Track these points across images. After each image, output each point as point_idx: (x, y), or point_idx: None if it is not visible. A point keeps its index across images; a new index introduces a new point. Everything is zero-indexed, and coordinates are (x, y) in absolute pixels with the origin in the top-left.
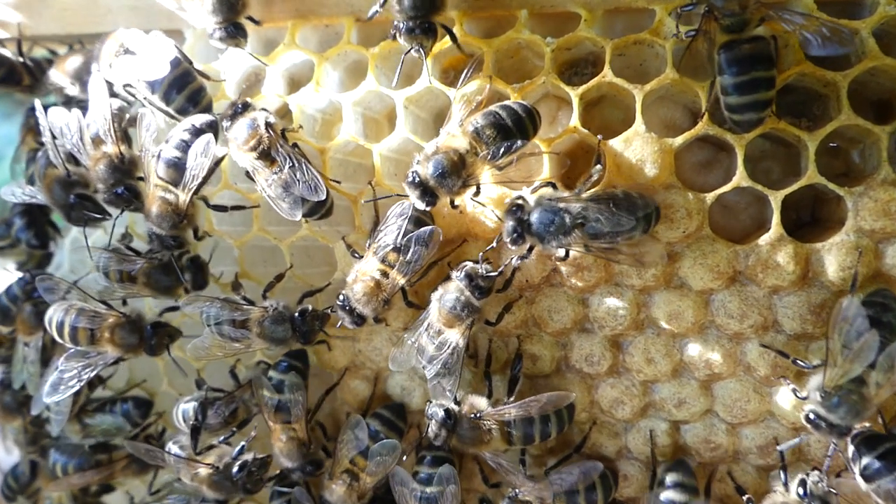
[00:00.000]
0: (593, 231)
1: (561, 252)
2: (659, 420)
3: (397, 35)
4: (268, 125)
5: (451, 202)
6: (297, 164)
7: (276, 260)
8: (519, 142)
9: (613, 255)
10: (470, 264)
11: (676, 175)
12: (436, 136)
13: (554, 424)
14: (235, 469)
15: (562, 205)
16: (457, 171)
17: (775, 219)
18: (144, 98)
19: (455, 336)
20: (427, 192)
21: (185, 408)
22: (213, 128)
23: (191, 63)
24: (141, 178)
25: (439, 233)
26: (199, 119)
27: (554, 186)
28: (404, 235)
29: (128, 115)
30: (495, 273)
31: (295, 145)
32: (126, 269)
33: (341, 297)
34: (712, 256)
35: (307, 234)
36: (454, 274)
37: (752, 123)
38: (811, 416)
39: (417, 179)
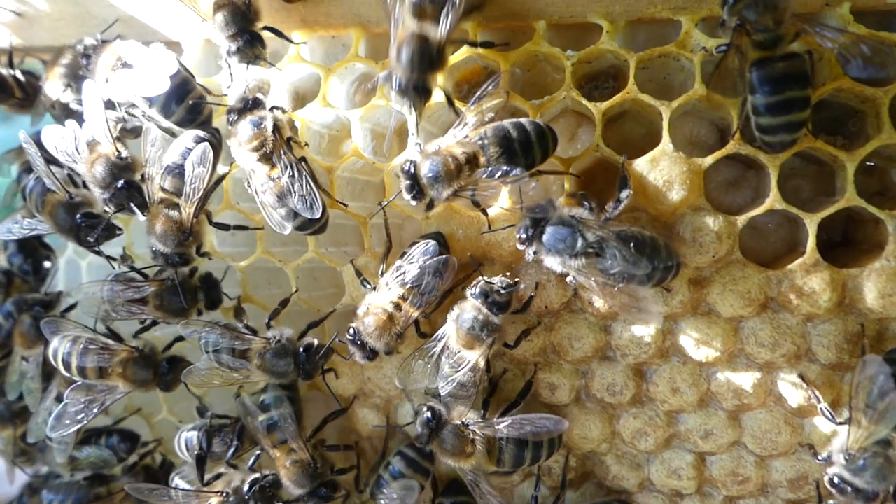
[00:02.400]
0: (603, 266)
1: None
2: (684, 451)
3: (389, 90)
4: (275, 128)
5: (430, 205)
6: (296, 175)
7: (280, 282)
8: (517, 170)
9: (610, 296)
10: (483, 280)
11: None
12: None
13: (545, 450)
14: (246, 488)
15: (581, 226)
16: (449, 178)
17: (811, 243)
18: (144, 115)
19: (474, 357)
20: (416, 186)
21: (188, 436)
22: (217, 139)
23: (191, 74)
24: (141, 179)
25: (454, 262)
26: (203, 130)
27: (587, 199)
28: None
29: (121, 126)
30: (512, 285)
31: (302, 159)
32: (133, 296)
33: (352, 331)
34: (743, 282)
35: (313, 257)
36: (468, 292)
37: (785, 145)
38: (835, 480)
39: (412, 171)
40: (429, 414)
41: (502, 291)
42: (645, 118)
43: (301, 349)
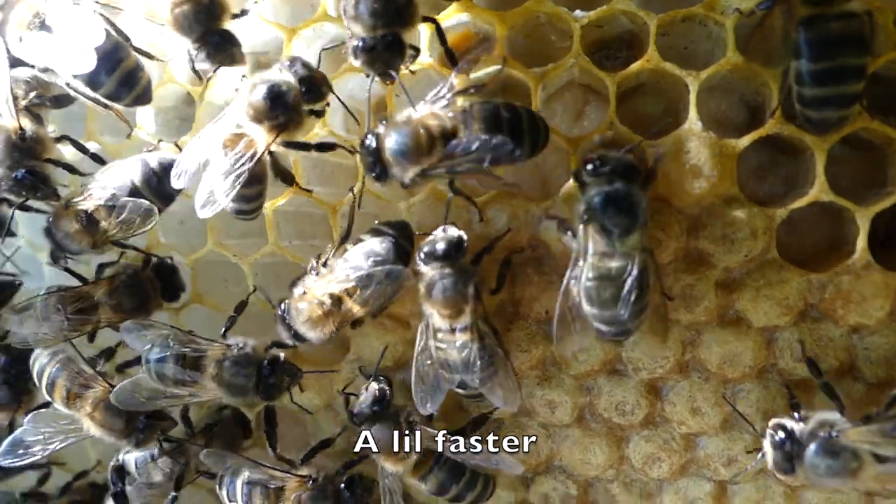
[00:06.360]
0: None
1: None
2: (702, 480)
3: (353, 58)
4: (287, 124)
5: (402, 184)
6: (241, 176)
7: (238, 278)
8: (498, 138)
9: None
10: (424, 242)
11: None
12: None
13: (475, 492)
14: None
15: (634, 250)
16: (418, 154)
17: (861, 242)
18: (66, 84)
19: (469, 321)
20: (379, 163)
21: (127, 459)
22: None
23: (126, 38)
24: (49, 161)
25: (408, 275)
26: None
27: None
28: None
29: (35, 94)
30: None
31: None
32: (82, 306)
33: (282, 307)
34: (780, 287)
35: (274, 251)
36: (418, 264)
37: (830, 122)
38: (782, 434)
39: (374, 146)
40: (377, 390)
41: (445, 232)
42: (662, 93)
43: (266, 361)
